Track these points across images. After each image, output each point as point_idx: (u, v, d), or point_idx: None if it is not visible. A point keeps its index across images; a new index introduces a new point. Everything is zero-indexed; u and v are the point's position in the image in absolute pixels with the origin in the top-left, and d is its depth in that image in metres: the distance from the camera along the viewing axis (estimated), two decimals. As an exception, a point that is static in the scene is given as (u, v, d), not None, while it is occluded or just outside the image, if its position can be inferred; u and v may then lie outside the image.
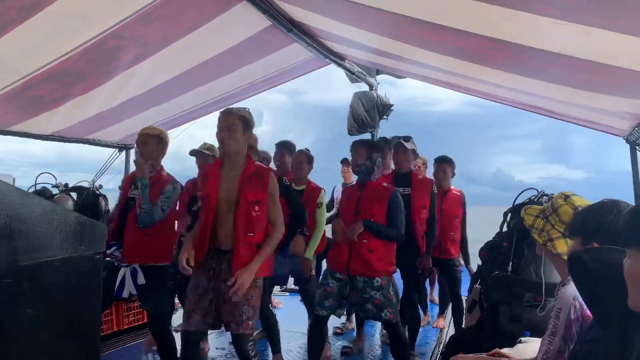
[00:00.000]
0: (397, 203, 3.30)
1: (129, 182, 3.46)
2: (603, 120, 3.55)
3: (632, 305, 1.01)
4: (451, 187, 4.54)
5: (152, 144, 3.36)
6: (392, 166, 4.16)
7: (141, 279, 3.21)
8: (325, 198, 4.18)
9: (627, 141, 3.52)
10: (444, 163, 4.47)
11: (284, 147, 4.23)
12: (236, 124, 2.68)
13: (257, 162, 2.95)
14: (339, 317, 3.65)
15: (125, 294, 3.22)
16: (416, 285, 4.09)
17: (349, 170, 5.27)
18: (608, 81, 2.60)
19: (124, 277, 3.21)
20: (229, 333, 2.80)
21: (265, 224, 2.77)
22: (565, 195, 1.98)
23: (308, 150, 4.16)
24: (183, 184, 4.25)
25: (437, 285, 5.65)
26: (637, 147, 3.46)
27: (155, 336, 3.37)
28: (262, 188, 2.74)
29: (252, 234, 2.70)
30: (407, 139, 3.99)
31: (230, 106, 3.23)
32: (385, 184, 3.42)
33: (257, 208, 2.70)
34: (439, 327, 5.03)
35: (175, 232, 3.57)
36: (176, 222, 3.61)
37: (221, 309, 2.71)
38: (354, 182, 3.54)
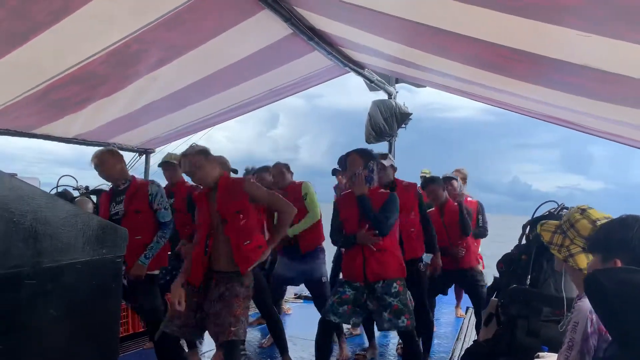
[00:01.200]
0: (393, 202, 3.28)
1: (108, 198, 3.49)
2: (626, 133, 3.49)
3: None
4: (450, 200, 4.52)
5: (108, 159, 3.41)
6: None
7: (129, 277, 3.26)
8: (310, 188, 4.21)
9: (651, 155, 3.46)
10: (430, 185, 4.46)
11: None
12: (198, 159, 2.84)
13: (230, 177, 3.09)
14: (351, 325, 3.64)
15: None
16: (421, 287, 4.05)
17: (343, 180, 5.26)
18: (632, 94, 2.56)
19: None
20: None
21: (258, 228, 2.92)
22: (582, 209, 1.95)
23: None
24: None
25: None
26: (661, 161, 3.41)
27: (151, 334, 3.39)
28: (239, 197, 2.86)
29: (248, 242, 2.83)
30: (384, 156, 4.02)
31: (191, 141, 3.58)
32: (382, 190, 3.42)
33: (241, 217, 2.83)
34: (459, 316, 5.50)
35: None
36: None
37: (206, 324, 2.85)
38: (349, 191, 3.50)
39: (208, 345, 4.26)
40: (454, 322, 5.62)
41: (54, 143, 4.68)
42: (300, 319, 5.35)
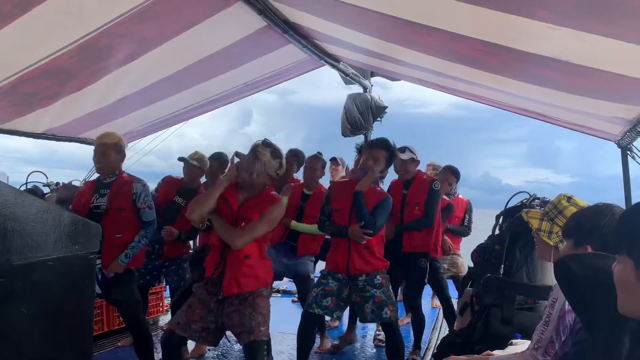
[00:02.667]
0: (385, 206, 3.27)
1: (92, 189, 3.36)
2: (594, 125, 3.58)
3: (622, 310, 1.03)
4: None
5: (110, 152, 3.32)
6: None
7: (108, 273, 3.20)
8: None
9: (619, 146, 3.56)
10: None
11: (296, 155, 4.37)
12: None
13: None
14: (335, 319, 3.65)
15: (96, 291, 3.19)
16: (418, 286, 4.10)
17: (337, 169, 5.26)
18: (601, 86, 2.62)
19: None
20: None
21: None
22: (568, 197, 2.01)
23: (320, 153, 4.25)
24: (163, 181, 4.31)
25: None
26: (629, 152, 3.50)
27: (130, 328, 3.33)
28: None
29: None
30: (403, 149, 4.02)
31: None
32: (379, 189, 3.42)
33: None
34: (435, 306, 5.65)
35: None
36: None
37: (227, 326, 2.72)
38: (346, 180, 3.49)
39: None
40: (430, 312, 5.69)
41: (20, 141, 4.56)
42: (279, 313, 5.34)
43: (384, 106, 5.79)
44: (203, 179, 4.31)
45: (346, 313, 4.54)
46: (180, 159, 4.17)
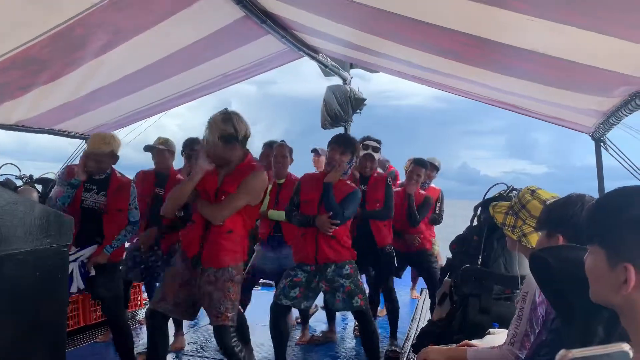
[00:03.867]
0: (354, 198, 3.33)
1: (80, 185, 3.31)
2: (569, 117, 3.63)
3: (594, 298, 1.04)
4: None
5: (106, 160, 3.32)
6: None
7: (92, 271, 3.18)
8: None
9: (593, 138, 3.61)
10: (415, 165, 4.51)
11: (271, 146, 4.30)
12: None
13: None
14: (303, 309, 3.66)
15: (73, 289, 3.16)
16: (389, 276, 4.17)
17: (320, 160, 5.29)
18: (576, 78, 2.66)
19: (72, 272, 3.13)
20: (203, 328, 2.83)
21: None
22: (532, 190, 2.02)
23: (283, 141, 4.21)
24: (137, 178, 4.27)
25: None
26: (602, 144, 3.56)
27: (111, 323, 3.32)
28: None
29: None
30: (376, 149, 4.08)
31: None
32: (349, 182, 3.46)
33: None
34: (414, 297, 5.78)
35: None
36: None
37: (200, 304, 2.79)
38: (319, 173, 3.52)
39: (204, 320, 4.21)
40: (410, 303, 5.75)
41: (-10, 131, 4.43)
42: (260, 306, 5.33)
43: (363, 98, 5.79)
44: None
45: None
46: (147, 148, 4.20)
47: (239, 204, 2.73)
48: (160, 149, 4.12)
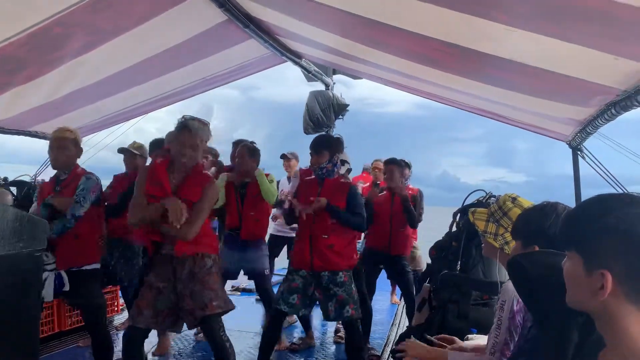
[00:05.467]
0: (357, 195, 3.36)
1: (51, 187, 3.23)
2: (547, 125, 3.69)
3: (570, 303, 1.06)
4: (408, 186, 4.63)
5: (71, 147, 3.22)
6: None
7: (66, 286, 3.06)
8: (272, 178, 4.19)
9: (570, 146, 3.68)
10: (390, 165, 4.53)
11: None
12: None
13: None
14: (301, 316, 3.65)
15: (48, 298, 3.05)
16: (359, 275, 4.16)
17: (290, 164, 5.38)
18: (554, 88, 2.70)
19: (45, 281, 2.99)
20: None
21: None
22: (512, 197, 2.02)
23: (253, 142, 4.18)
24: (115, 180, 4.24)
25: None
26: (579, 152, 3.63)
27: (90, 331, 3.23)
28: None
29: None
30: (343, 162, 4.01)
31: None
32: (343, 180, 3.47)
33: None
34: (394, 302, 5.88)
35: (101, 228, 3.36)
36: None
37: (182, 306, 2.74)
38: (312, 177, 3.52)
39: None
40: (389, 308, 5.77)
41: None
42: (238, 311, 5.29)
43: (345, 104, 5.81)
44: None
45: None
46: (120, 150, 4.20)
47: (205, 215, 2.78)
48: (132, 153, 4.16)
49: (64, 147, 3.18)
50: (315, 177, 3.45)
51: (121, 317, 4.88)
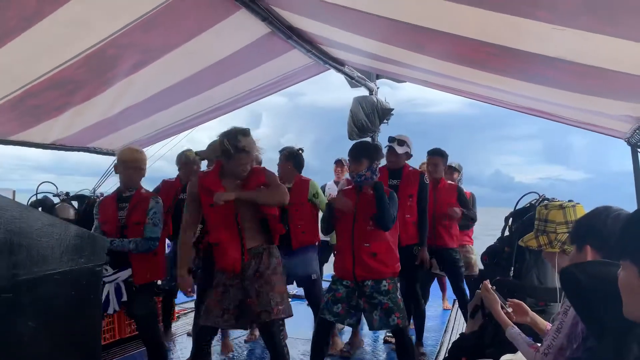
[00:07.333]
0: (392, 200, 3.29)
1: (114, 203, 3.36)
2: (603, 123, 3.54)
3: (628, 315, 1.02)
4: (443, 179, 4.56)
5: (144, 167, 3.42)
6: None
7: (124, 297, 3.21)
8: (317, 187, 4.20)
9: (629, 143, 3.51)
10: (434, 156, 4.49)
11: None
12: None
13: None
14: (347, 325, 3.62)
15: (110, 311, 3.22)
16: (414, 277, 4.12)
17: (343, 170, 5.40)
18: (607, 85, 2.59)
19: (108, 294, 3.18)
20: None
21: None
22: (544, 205, 2.14)
23: (300, 149, 4.23)
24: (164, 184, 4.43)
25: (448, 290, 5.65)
26: (638, 149, 3.45)
27: (145, 339, 3.36)
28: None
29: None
30: (401, 142, 4.11)
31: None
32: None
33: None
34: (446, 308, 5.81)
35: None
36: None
37: (246, 305, 2.86)
38: (350, 187, 3.51)
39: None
40: (441, 314, 5.67)
41: (31, 149, 4.61)
42: (290, 318, 5.35)
43: (390, 108, 5.77)
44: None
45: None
46: (197, 153, 4.29)
47: (281, 185, 3.08)
48: (193, 160, 4.30)
49: (140, 169, 3.37)
50: (353, 187, 3.41)
51: (176, 325, 5.02)
